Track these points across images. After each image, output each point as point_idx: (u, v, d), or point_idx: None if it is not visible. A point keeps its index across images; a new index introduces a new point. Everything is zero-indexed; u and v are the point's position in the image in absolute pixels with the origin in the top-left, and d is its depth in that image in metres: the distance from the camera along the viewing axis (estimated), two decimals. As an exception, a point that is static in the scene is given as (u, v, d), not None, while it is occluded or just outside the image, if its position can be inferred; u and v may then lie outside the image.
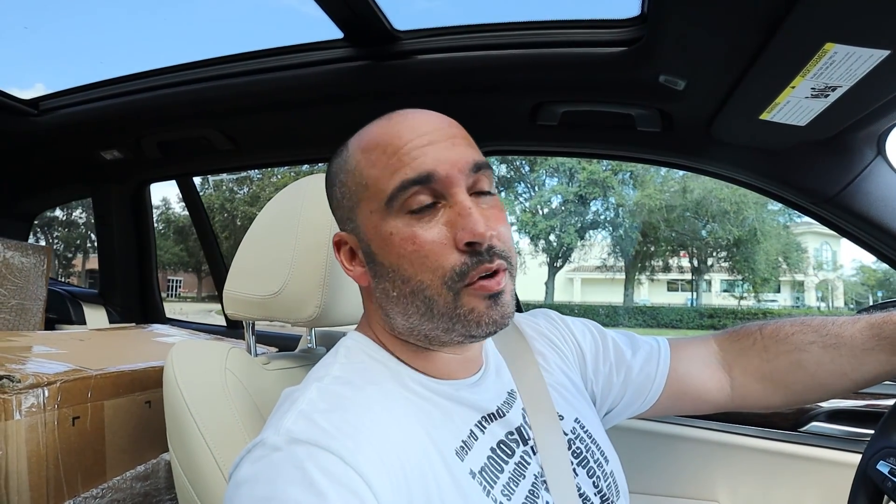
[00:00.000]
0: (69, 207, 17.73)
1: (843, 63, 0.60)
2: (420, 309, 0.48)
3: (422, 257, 0.47)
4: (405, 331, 0.51)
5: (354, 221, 0.52)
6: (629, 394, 0.68)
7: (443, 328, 0.48)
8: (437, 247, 0.46)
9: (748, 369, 0.68)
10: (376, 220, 0.49)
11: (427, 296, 0.47)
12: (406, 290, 0.48)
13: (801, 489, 1.02)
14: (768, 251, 15.80)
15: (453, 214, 0.47)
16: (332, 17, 0.89)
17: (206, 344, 0.72)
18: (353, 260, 0.53)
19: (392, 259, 0.48)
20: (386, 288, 0.50)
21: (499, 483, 0.49)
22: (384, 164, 0.48)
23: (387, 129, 0.50)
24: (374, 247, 0.49)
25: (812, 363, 0.64)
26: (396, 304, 0.49)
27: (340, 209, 0.54)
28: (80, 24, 26.13)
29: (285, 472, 0.39)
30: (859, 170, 0.87)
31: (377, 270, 0.50)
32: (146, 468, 0.78)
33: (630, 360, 0.68)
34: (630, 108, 0.92)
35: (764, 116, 0.76)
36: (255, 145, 1.30)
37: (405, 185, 0.47)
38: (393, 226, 0.48)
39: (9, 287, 1.17)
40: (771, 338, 0.67)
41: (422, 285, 0.47)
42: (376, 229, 0.49)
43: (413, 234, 0.47)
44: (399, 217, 0.48)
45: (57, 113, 1.26)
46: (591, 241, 17.43)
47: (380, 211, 0.48)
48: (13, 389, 0.63)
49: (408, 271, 0.47)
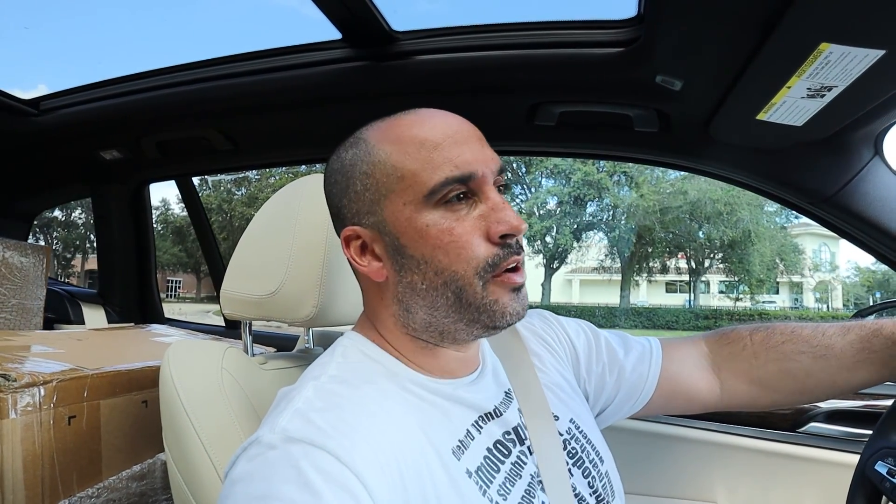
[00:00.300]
0: (68, 208, 17.78)
1: (838, 63, 0.60)
2: (449, 300, 0.49)
3: (458, 248, 0.48)
4: (422, 326, 0.51)
5: (377, 214, 0.51)
6: (622, 393, 0.68)
7: (467, 319, 0.50)
8: (473, 238, 0.48)
9: (737, 373, 0.68)
10: (410, 212, 0.49)
11: (459, 286, 0.49)
12: (438, 282, 0.49)
13: (800, 490, 1.02)
14: (763, 252, 15.81)
15: (486, 209, 0.49)
16: (331, 17, 0.89)
17: (202, 343, 0.72)
18: (364, 255, 0.52)
19: (426, 251, 0.49)
20: (413, 281, 0.50)
21: (495, 483, 0.49)
22: (423, 157, 0.49)
23: (418, 123, 0.51)
24: (405, 239, 0.49)
25: (801, 372, 0.65)
26: (424, 296, 0.50)
27: (357, 202, 0.52)
28: (81, 25, 26.26)
29: (280, 470, 0.39)
30: (857, 170, 0.87)
31: (404, 263, 0.50)
32: (142, 468, 0.77)
33: (623, 360, 0.68)
34: (627, 109, 0.93)
35: (761, 117, 0.76)
36: (254, 145, 1.30)
37: (449, 182, 0.48)
38: (430, 218, 0.48)
39: (8, 287, 1.17)
40: (761, 345, 0.68)
41: (455, 276, 0.48)
42: (410, 221, 0.49)
43: (451, 226, 0.48)
44: (436, 210, 0.49)
45: (57, 113, 1.26)
46: (587, 243, 17.46)
47: (416, 203, 0.49)
48: (9, 388, 0.63)
49: (442, 262, 0.48)
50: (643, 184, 15.78)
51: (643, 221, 15.94)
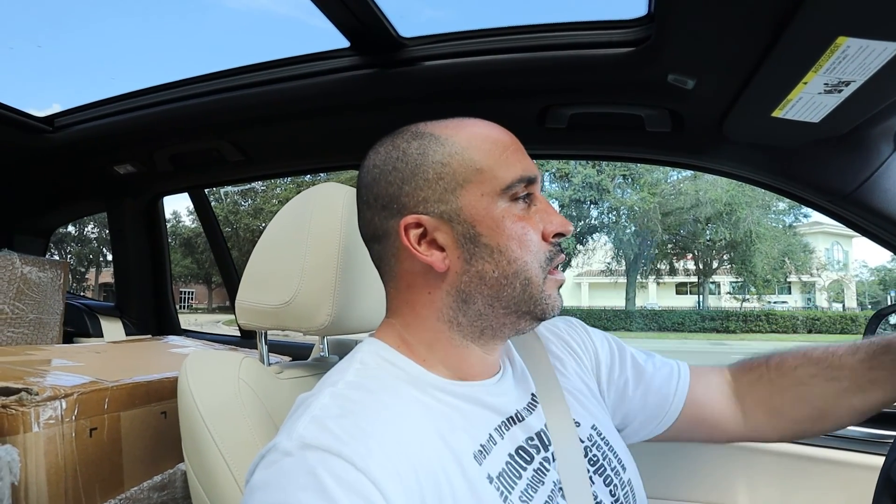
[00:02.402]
0: (81, 223, 18.10)
1: (856, 57, 0.59)
2: (516, 290, 0.52)
3: (528, 241, 0.52)
4: (470, 319, 0.53)
5: (451, 203, 0.51)
6: (647, 411, 0.68)
7: (521, 311, 0.53)
8: (538, 234, 0.53)
9: (758, 402, 0.68)
10: (488, 202, 0.51)
11: (527, 276, 0.52)
12: (510, 270, 0.51)
13: (823, 492, 0.99)
14: (767, 252, 15.60)
15: (540, 210, 0.54)
16: (338, 26, 0.89)
17: (219, 354, 0.72)
18: (421, 244, 0.52)
19: (501, 240, 0.51)
20: (483, 270, 0.51)
21: (517, 489, 0.48)
22: (498, 156, 0.52)
23: (486, 126, 0.56)
24: (481, 227, 0.51)
25: (816, 397, 0.64)
26: (492, 285, 0.51)
27: (426, 189, 0.52)
28: (92, 42, 26.79)
29: (297, 478, 0.39)
30: (876, 166, 0.85)
31: (477, 252, 0.51)
32: (163, 478, 0.78)
33: (649, 377, 0.68)
34: (639, 109, 0.92)
35: (776, 114, 0.75)
36: (265, 156, 1.31)
37: (522, 180, 0.52)
38: (505, 210, 0.52)
39: (27, 302, 1.19)
40: (776, 370, 0.67)
41: (525, 266, 0.51)
42: (487, 210, 0.51)
43: (520, 220, 0.52)
44: (509, 204, 0.52)
45: (71, 129, 1.28)
46: (592, 246, 17.36)
47: (492, 195, 0.51)
48: (31, 402, 0.64)
49: (515, 252, 0.51)
50: (644, 185, 15.70)
51: (644, 223, 15.84)
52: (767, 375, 0.67)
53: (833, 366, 0.64)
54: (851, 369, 0.62)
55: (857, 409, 0.63)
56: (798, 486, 1.01)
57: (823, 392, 0.64)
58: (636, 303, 17.18)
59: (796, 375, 0.65)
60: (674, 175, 15.74)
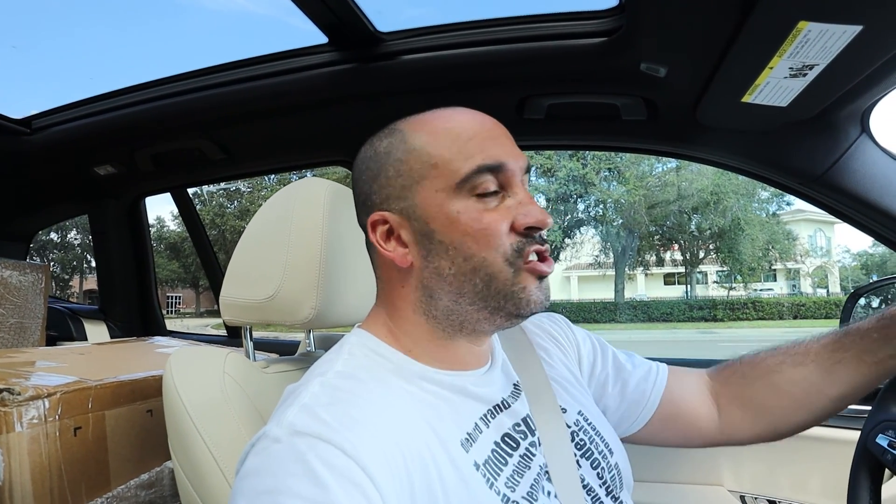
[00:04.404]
0: (63, 229, 17.78)
1: (817, 41, 0.61)
2: (477, 286, 0.50)
3: (487, 236, 0.50)
4: (443, 314, 0.52)
5: (409, 199, 0.52)
6: (623, 407, 0.69)
7: (492, 307, 0.51)
8: (501, 227, 0.50)
9: (731, 397, 0.69)
10: (442, 198, 0.50)
11: (489, 272, 0.50)
12: (466, 268, 0.50)
13: (805, 467, 1.02)
14: (753, 240, 15.84)
15: (513, 203, 0.51)
16: (316, 22, 0.90)
17: (204, 350, 0.72)
18: (389, 240, 0.53)
19: (456, 237, 0.50)
20: (440, 266, 0.51)
21: (503, 475, 0.49)
22: (457, 148, 0.51)
23: (452, 117, 0.54)
24: (436, 224, 0.51)
25: (785, 382, 0.65)
26: (451, 282, 0.51)
27: (388, 187, 0.53)
28: (69, 43, 26.28)
29: (287, 464, 0.40)
30: (845, 148, 0.87)
31: (433, 248, 0.51)
32: (150, 476, 0.78)
33: (628, 374, 0.69)
34: (614, 98, 0.93)
35: (746, 99, 0.77)
36: (248, 153, 1.31)
37: (480, 170, 0.50)
38: (461, 205, 0.50)
39: (7, 306, 1.18)
40: (748, 364, 0.69)
41: (484, 262, 0.50)
42: (441, 207, 0.50)
43: (480, 214, 0.50)
44: (467, 198, 0.50)
45: (50, 131, 1.26)
46: (579, 239, 17.48)
47: (447, 190, 0.50)
48: (14, 402, 0.63)
49: (471, 248, 0.50)
50: (630, 177, 15.82)
51: (631, 215, 15.98)
52: (740, 370, 0.69)
53: (799, 352, 0.65)
54: (816, 353, 0.64)
55: (826, 395, 0.64)
56: (780, 461, 1.04)
57: (791, 378, 0.64)
58: (625, 294, 17.33)
59: (765, 365, 0.67)
60: (659, 167, 15.91)
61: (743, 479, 1.07)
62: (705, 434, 0.69)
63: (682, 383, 0.70)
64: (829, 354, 0.63)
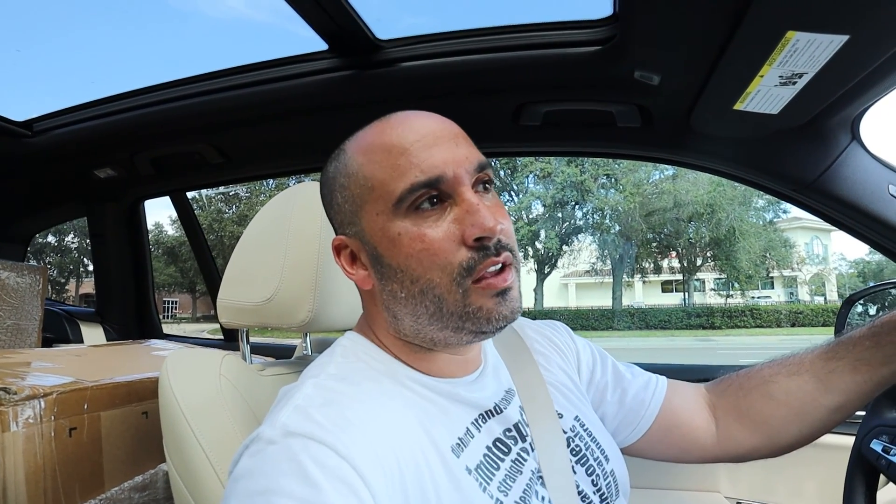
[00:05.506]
0: (61, 233, 17.75)
1: (806, 50, 0.62)
2: (429, 309, 0.48)
3: (431, 255, 0.47)
4: (412, 332, 0.51)
5: (357, 224, 0.51)
6: (621, 416, 0.69)
7: (453, 327, 0.49)
8: (446, 244, 0.47)
9: (727, 408, 0.69)
10: (383, 221, 0.49)
11: (437, 294, 0.47)
12: (415, 290, 0.48)
13: (801, 473, 1.03)
14: (750, 248, 15.88)
15: (461, 212, 0.48)
16: (316, 29, 0.91)
17: (200, 352, 0.72)
18: (354, 264, 0.53)
19: (400, 259, 0.48)
20: (394, 289, 0.49)
21: (495, 479, 0.49)
22: (390, 165, 0.48)
23: (387, 130, 0.50)
24: (381, 248, 0.49)
25: (780, 392, 0.64)
26: (405, 305, 0.49)
27: (341, 213, 0.53)
28: (71, 47, 26.42)
29: (280, 464, 0.40)
30: (836, 155, 0.89)
31: (384, 272, 0.50)
32: (144, 479, 0.78)
33: (627, 383, 0.69)
34: (609, 106, 0.95)
35: (738, 106, 0.78)
36: (246, 158, 1.32)
37: (415, 188, 0.47)
38: (401, 226, 0.48)
39: (4, 308, 1.18)
40: (744, 376, 0.69)
41: (431, 284, 0.47)
42: (383, 231, 0.49)
43: (422, 233, 0.47)
44: (407, 217, 0.48)
45: (51, 134, 1.27)
46: (577, 246, 17.49)
47: (387, 212, 0.48)
48: (9, 401, 0.63)
49: (416, 271, 0.47)
50: (626, 184, 15.88)
51: (628, 222, 16.02)
52: (736, 381, 0.69)
53: (794, 363, 0.65)
54: (811, 363, 0.64)
55: (823, 405, 0.62)
56: (777, 468, 1.04)
57: (787, 387, 0.64)
58: (623, 302, 17.32)
59: (761, 376, 0.67)
60: (656, 174, 15.98)
61: (740, 486, 1.07)
62: (703, 446, 0.68)
63: (680, 395, 0.70)
64: (823, 364, 0.63)
